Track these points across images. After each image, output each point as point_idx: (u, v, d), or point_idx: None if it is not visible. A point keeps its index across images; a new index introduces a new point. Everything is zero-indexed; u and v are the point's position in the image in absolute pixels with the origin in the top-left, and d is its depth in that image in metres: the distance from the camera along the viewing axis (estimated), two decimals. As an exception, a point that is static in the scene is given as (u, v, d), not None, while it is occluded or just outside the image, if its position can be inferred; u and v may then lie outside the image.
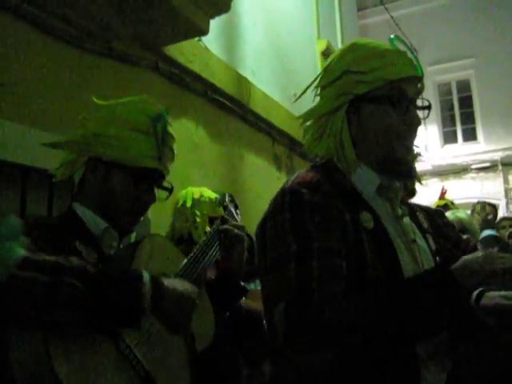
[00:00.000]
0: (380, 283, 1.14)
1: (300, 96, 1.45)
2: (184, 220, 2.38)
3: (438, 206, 4.28)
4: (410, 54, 1.30)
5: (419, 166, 2.19)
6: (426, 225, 1.43)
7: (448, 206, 4.27)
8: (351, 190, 1.26)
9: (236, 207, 2.07)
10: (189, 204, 2.39)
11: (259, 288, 1.25)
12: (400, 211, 1.31)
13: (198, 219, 2.36)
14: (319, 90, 1.36)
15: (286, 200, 1.19)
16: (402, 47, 1.32)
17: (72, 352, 1.16)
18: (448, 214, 3.51)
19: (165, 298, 1.29)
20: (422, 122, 1.31)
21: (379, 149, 1.27)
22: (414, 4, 11.82)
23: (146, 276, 1.28)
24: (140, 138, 1.48)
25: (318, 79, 1.36)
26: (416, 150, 1.33)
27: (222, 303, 1.74)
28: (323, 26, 6.70)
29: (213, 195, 2.44)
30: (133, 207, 1.50)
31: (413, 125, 1.28)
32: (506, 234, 4.69)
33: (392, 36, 1.44)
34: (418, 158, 2.17)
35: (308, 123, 1.37)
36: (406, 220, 1.33)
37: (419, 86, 1.31)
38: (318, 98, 1.37)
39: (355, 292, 1.12)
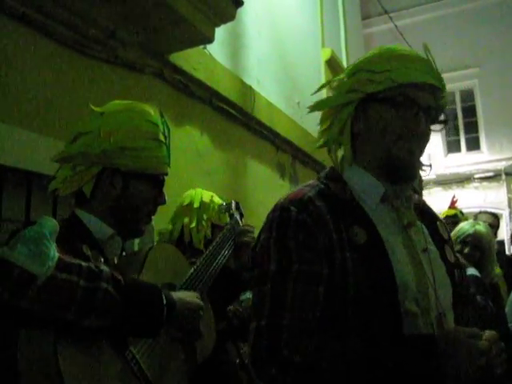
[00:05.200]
0: (361, 305, 1.12)
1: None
2: (188, 220, 2.27)
3: (447, 216, 4.13)
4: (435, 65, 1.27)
5: (422, 175, 2.19)
6: (446, 235, 1.38)
7: (457, 216, 4.12)
8: (349, 200, 1.23)
9: (241, 216, 2.07)
10: (196, 205, 2.28)
11: None
12: (406, 220, 1.26)
13: (203, 223, 2.25)
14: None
15: (275, 216, 1.20)
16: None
17: (79, 357, 1.16)
18: (467, 225, 3.31)
19: (175, 308, 1.31)
20: None
21: (379, 149, 1.26)
22: (418, 13, 11.86)
23: (160, 287, 1.32)
24: (157, 146, 1.53)
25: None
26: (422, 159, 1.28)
27: (224, 298, 1.79)
28: (328, 35, 6.73)
29: (220, 202, 2.34)
30: (151, 209, 1.56)
31: (414, 130, 1.23)
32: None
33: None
34: (423, 167, 2.16)
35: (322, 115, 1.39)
36: (417, 228, 1.28)
37: (439, 97, 1.27)
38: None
39: (329, 325, 1.11)
